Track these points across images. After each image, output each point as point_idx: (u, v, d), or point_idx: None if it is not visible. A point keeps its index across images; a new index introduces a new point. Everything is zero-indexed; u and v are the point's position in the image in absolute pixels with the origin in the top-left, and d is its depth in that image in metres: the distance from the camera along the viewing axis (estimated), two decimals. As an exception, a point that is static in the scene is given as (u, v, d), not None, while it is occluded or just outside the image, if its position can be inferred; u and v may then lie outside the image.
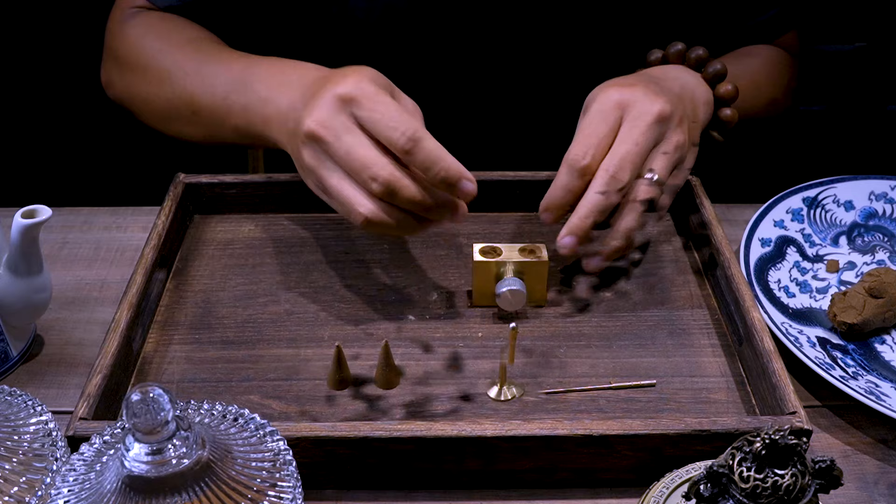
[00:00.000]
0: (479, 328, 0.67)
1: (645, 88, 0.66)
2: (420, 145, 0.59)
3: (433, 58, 0.85)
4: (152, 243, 0.69)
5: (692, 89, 0.72)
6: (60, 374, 0.65)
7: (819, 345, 0.66)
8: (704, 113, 0.73)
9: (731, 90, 0.73)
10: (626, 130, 0.64)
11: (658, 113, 0.64)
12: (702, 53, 0.75)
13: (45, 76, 1.52)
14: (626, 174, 0.63)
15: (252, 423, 0.48)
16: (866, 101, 1.45)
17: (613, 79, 0.69)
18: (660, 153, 0.65)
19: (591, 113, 0.65)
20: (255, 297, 0.70)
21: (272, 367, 0.64)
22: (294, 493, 0.45)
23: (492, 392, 0.62)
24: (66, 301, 0.72)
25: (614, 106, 0.65)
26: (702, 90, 0.73)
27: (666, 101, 0.65)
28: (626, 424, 0.55)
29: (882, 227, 0.78)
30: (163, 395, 0.42)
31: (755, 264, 0.72)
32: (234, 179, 0.78)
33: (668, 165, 0.66)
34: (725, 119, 0.74)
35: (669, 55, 0.76)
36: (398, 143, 0.59)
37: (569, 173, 0.64)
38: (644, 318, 0.68)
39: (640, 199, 0.65)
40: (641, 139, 0.64)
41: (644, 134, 0.64)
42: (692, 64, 0.75)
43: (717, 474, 0.45)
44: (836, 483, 0.45)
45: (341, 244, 0.75)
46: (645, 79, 0.69)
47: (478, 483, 0.57)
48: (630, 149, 0.63)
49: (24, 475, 0.48)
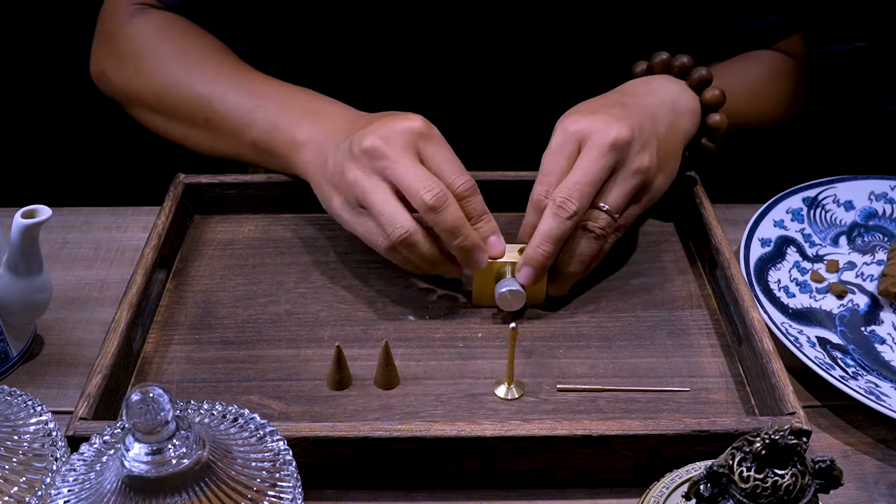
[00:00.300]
0: (479, 328, 0.67)
1: (607, 115, 0.66)
2: (476, 196, 0.65)
3: (435, 55, 0.85)
4: (152, 243, 0.69)
5: (673, 99, 0.72)
6: (60, 374, 0.66)
7: (819, 345, 0.66)
8: (689, 121, 0.72)
9: (717, 95, 0.72)
10: (579, 160, 0.65)
11: (613, 140, 0.64)
12: (686, 61, 0.74)
13: (45, 76, 1.52)
14: (574, 203, 0.63)
15: (252, 423, 0.48)
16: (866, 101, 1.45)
17: (580, 104, 0.70)
18: (617, 181, 0.66)
19: (551, 148, 0.67)
20: (255, 298, 0.70)
21: (272, 367, 0.64)
22: (294, 493, 0.45)
23: (499, 391, 0.62)
24: (66, 301, 0.72)
25: (572, 138, 0.66)
26: (686, 98, 0.72)
27: (625, 126, 0.65)
28: (625, 425, 0.55)
29: (882, 227, 0.78)
30: (163, 395, 0.42)
31: (755, 264, 0.72)
32: (234, 180, 0.78)
33: (626, 193, 0.66)
34: (714, 125, 0.73)
35: (654, 66, 0.75)
36: (459, 187, 0.64)
37: (534, 213, 0.66)
38: (644, 319, 0.69)
39: (593, 228, 0.66)
40: (592, 168, 0.64)
41: (595, 163, 0.64)
42: (676, 72, 0.74)
43: (717, 474, 0.45)
44: (836, 483, 0.45)
45: (341, 244, 0.75)
46: (612, 101, 0.69)
47: (478, 483, 0.57)
48: (579, 178, 0.64)
49: (24, 475, 0.48)
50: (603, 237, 0.66)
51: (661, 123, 0.69)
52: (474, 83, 0.87)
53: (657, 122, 0.69)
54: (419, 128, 0.65)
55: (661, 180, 0.69)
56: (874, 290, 0.73)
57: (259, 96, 0.75)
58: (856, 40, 1.40)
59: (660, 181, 0.69)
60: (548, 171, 0.66)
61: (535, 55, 0.85)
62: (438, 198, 0.62)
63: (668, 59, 0.75)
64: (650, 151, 0.66)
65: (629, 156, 0.65)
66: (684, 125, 0.72)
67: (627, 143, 0.65)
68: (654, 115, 0.69)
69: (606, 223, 0.66)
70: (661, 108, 0.70)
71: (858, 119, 1.46)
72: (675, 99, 0.72)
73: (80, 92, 1.45)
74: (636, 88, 0.73)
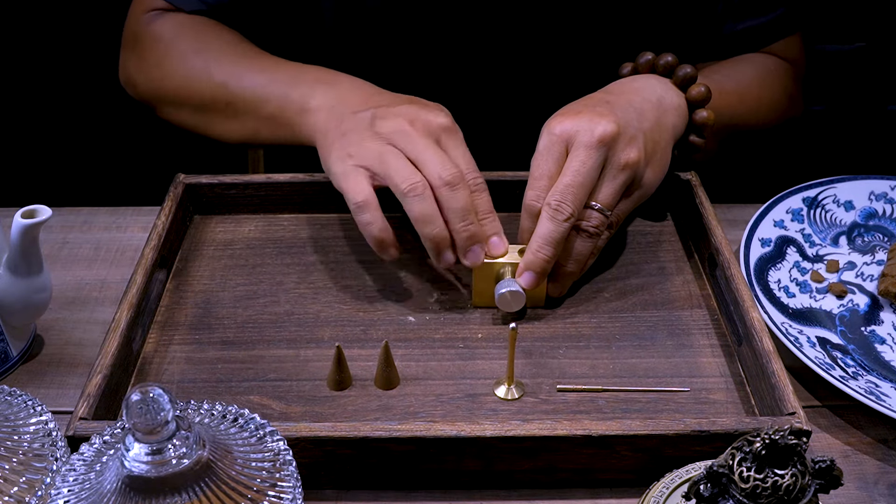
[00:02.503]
0: (479, 328, 0.67)
1: (591, 113, 0.66)
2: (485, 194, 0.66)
3: (433, 55, 0.85)
4: (152, 243, 0.69)
5: (658, 96, 0.72)
6: (60, 374, 0.66)
7: (819, 345, 0.66)
8: (676, 117, 0.73)
9: (702, 91, 0.73)
10: (568, 161, 0.65)
11: (599, 136, 0.65)
12: (670, 60, 0.75)
13: (45, 76, 1.52)
14: (569, 206, 0.64)
15: (252, 423, 0.48)
16: (866, 101, 1.45)
17: (565, 106, 0.70)
18: (606, 177, 0.66)
19: (539, 151, 0.67)
20: (255, 298, 0.70)
21: (272, 367, 0.64)
22: (294, 493, 0.45)
23: (499, 391, 0.62)
24: (66, 301, 0.72)
25: (558, 140, 0.66)
26: (671, 95, 0.73)
27: (609, 121, 0.65)
28: (625, 425, 0.55)
29: (882, 227, 0.78)
30: (163, 395, 0.42)
31: (755, 264, 0.72)
32: (234, 180, 0.78)
33: (616, 189, 0.67)
34: (701, 121, 0.74)
35: (639, 66, 0.76)
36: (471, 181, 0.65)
37: (528, 218, 0.67)
38: (644, 319, 0.69)
39: (587, 227, 0.66)
40: (582, 168, 0.65)
41: (584, 162, 0.65)
42: (661, 71, 0.75)
43: (717, 474, 0.45)
44: (836, 483, 0.45)
45: (341, 244, 0.75)
46: (597, 100, 0.70)
47: (477, 483, 0.57)
48: (570, 180, 0.65)
49: (24, 475, 0.48)
50: (596, 235, 0.67)
51: (647, 119, 0.69)
52: (474, 82, 0.87)
53: (643, 117, 0.69)
54: (446, 123, 0.67)
55: (650, 175, 0.69)
56: (874, 290, 0.73)
57: (273, 74, 0.78)
58: (856, 40, 1.40)
59: (649, 176, 0.69)
60: (537, 174, 0.66)
61: (535, 54, 0.85)
62: (455, 175, 0.64)
63: (652, 59, 0.76)
64: (637, 146, 0.67)
65: (616, 151, 0.66)
66: (671, 121, 0.72)
67: (613, 139, 0.65)
68: (640, 110, 0.70)
69: (599, 221, 0.67)
70: (647, 105, 0.71)
71: (858, 119, 1.46)
72: (661, 96, 0.72)
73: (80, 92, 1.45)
74: (621, 87, 0.73)
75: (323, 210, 0.78)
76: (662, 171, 0.71)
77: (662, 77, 0.75)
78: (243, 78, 0.78)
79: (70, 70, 1.48)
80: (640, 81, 0.74)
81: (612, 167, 0.66)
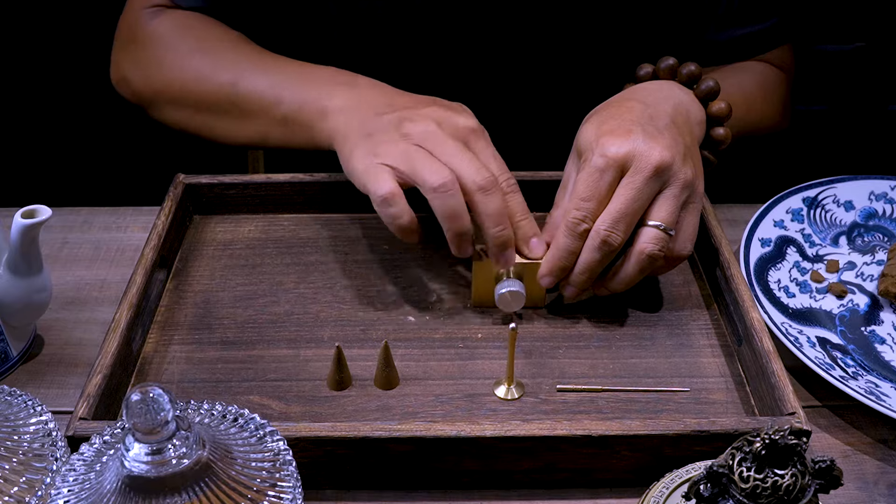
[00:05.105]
0: (478, 328, 0.67)
1: (643, 134, 0.64)
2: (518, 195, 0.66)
3: (434, 55, 0.85)
4: (152, 243, 0.69)
5: (686, 109, 0.70)
6: (60, 374, 0.66)
7: (819, 345, 0.66)
8: (700, 131, 0.71)
9: (723, 108, 0.71)
10: (622, 187, 0.63)
11: (656, 165, 0.62)
12: (694, 69, 0.72)
13: (45, 76, 1.52)
14: (620, 236, 0.63)
15: (252, 423, 0.48)
16: (866, 101, 1.45)
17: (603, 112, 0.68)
18: (666, 197, 0.64)
19: (589, 170, 0.64)
20: (255, 298, 0.70)
21: (272, 367, 0.64)
22: (294, 493, 0.45)
23: (499, 391, 0.62)
24: (66, 301, 0.72)
25: (613, 164, 0.63)
26: (695, 109, 0.71)
27: (664, 147, 0.63)
28: (625, 425, 0.55)
29: (882, 227, 0.78)
30: (163, 395, 0.42)
31: (755, 264, 0.72)
32: (234, 180, 0.78)
33: (675, 208, 0.64)
34: (718, 138, 0.72)
35: (660, 70, 0.74)
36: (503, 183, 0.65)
37: (569, 236, 0.64)
38: (643, 319, 0.69)
39: (644, 249, 0.64)
40: (639, 196, 0.63)
41: (641, 190, 0.63)
42: (684, 80, 0.73)
43: (717, 474, 0.45)
44: (836, 483, 0.45)
45: (341, 244, 0.75)
46: (638, 113, 0.67)
47: (477, 483, 0.57)
48: (622, 207, 0.63)
49: (24, 475, 0.48)
50: (658, 255, 0.64)
51: (686, 133, 0.68)
52: (474, 83, 0.87)
53: (683, 132, 0.68)
54: (473, 125, 0.67)
55: (700, 186, 0.67)
56: (874, 290, 0.73)
57: (284, 74, 0.76)
58: (855, 40, 1.40)
59: (700, 187, 0.67)
60: (586, 195, 0.64)
61: (537, 54, 0.85)
62: (489, 180, 0.63)
63: (675, 66, 0.73)
64: (690, 163, 0.65)
65: (672, 175, 0.64)
66: (698, 134, 0.71)
67: (670, 164, 0.63)
68: (679, 125, 0.68)
69: (660, 240, 0.64)
70: (680, 117, 0.69)
71: (858, 119, 1.46)
72: (688, 109, 0.70)
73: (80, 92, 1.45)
74: (652, 95, 0.70)
75: (323, 210, 0.79)
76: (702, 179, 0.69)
77: (685, 87, 0.72)
78: (252, 77, 0.76)
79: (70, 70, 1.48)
80: (667, 90, 0.71)
81: (671, 188, 0.64)
